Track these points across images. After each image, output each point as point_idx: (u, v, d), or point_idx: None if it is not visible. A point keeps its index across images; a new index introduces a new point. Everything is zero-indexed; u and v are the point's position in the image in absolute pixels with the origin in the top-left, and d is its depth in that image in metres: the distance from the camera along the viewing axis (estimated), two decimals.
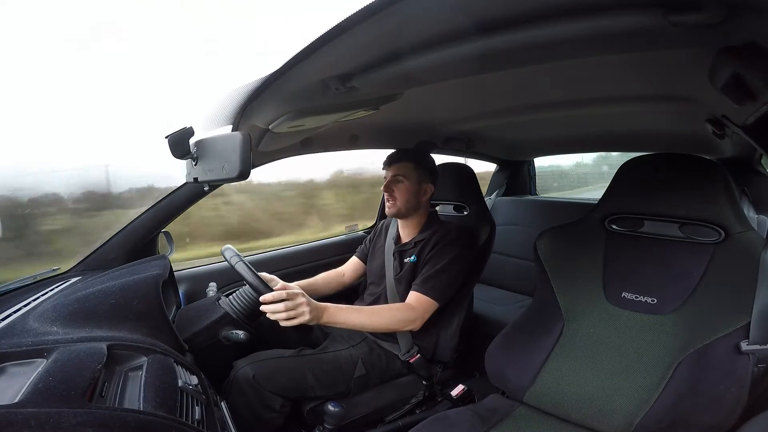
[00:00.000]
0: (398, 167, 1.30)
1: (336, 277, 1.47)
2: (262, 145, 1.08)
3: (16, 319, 0.75)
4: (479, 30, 0.54)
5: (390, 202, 1.30)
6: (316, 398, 1.14)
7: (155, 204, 1.22)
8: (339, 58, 0.64)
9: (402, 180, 1.29)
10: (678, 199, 0.95)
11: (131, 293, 0.84)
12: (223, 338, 1.02)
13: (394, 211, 1.31)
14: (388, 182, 1.30)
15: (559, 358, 0.99)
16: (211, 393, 0.79)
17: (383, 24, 0.51)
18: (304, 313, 0.96)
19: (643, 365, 0.89)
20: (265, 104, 0.80)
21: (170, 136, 0.84)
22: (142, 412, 0.55)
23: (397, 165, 1.30)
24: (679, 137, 1.45)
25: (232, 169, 0.71)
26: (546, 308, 1.07)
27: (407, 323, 1.16)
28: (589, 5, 0.47)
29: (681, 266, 0.93)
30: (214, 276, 1.37)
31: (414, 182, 1.30)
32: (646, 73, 0.84)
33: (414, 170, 1.30)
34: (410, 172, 1.29)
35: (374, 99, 0.88)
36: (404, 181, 1.29)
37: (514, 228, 2.16)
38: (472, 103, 1.26)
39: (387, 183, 1.30)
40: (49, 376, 0.55)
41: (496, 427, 0.93)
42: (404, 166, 1.30)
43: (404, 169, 1.29)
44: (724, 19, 0.43)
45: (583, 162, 3.76)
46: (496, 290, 2.15)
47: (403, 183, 1.29)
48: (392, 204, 1.30)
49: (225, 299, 1.08)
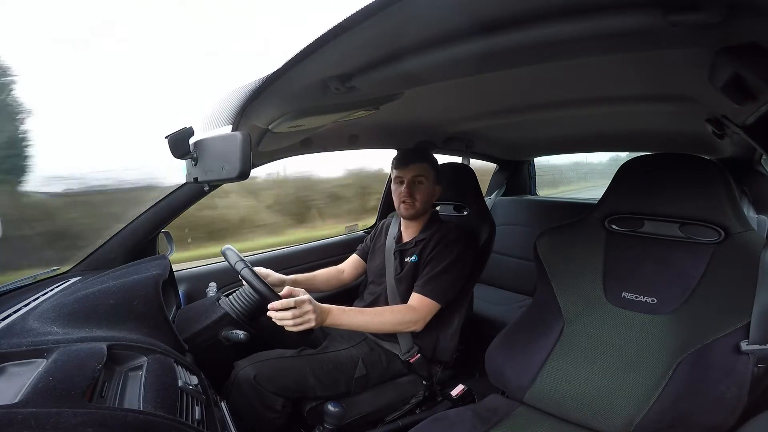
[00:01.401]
0: (418, 168, 1.28)
1: (336, 274, 1.47)
2: (262, 145, 1.08)
3: (16, 319, 0.75)
4: (479, 30, 0.54)
5: (408, 202, 1.28)
6: (316, 398, 1.14)
7: (155, 204, 1.22)
8: (339, 58, 0.64)
9: (423, 181, 1.28)
10: (678, 199, 0.95)
11: (131, 293, 0.84)
12: (223, 338, 1.02)
13: (413, 213, 1.29)
14: (407, 185, 1.28)
15: (559, 358, 0.99)
16: (211, 393, 0.79)
17: (383, 24, 0.51)
18: (311, 320, 0.97)
19: (642, 365, 0.89)
20: (265, 104, 0.80)
21: (170, 136, 0.84)
22: (142, 412, 0.55)
23: (416, 165, 1.28)
24: (679, 137, 1.45)
25: (232, 169, 0.71)
26: (546, 308, 1.07)
27: (409, 325, 1.16)
28: (588, 5, 0.47)
29: (681, 266, 0.93)
30: (214, 276, 1.37)
31: (432, 183, 1.30)
32: (646, 73, 0.84)
33: (431, 171, 1.30)
34: (428, 173, 1.29)
35: (374, 99, 0.88)
36: (424, 182, 1.28)
37: (514, 228, 2.16)
38: (472, 103, 1.26)
39: (407, 186, 1.28)
40: (49, 376, 0.55)
41: (496, 427, 0.93)
42: (423, 167, 1.28)
43: (423, 170, 1.28)
44: (723, 19, 0.43)
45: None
46: (496, 290, 2.15)
47: (424, 184, 1.28)
48: (410, 205, 1.28)
49: (225, 299, 1.08)
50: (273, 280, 1.21)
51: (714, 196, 0.91)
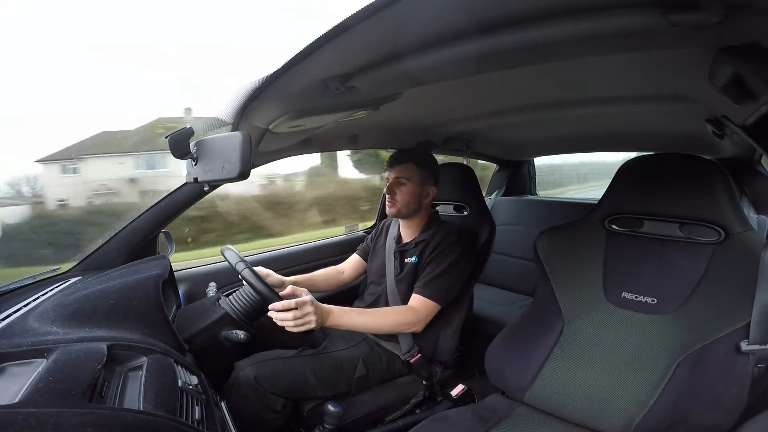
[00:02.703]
0: (400, 169, 1.29)
1: (335, 274, 1.47)
2: (262, 145, 1.08)
3: (16, 319, 0.75)
4: (479, 30, 0.54)
5: (390, 202, 1.30)
6: (316, 398, 1.14)
7: (155, 204, 1.22)
8: (339, 58, 0.64)
9: (404, 182, 1.28)
10: (678, 199, 0.95)
11: (131, 293, 0.84)
12: (223, 338, 1.02)
13: (394, 212, 1.31)
14: (390, 184, 1.30)
15: (559, 358, 0.99)
16: (211, 393, 0.79)
17: (383, 24, 0.51)
18: (312, 321, 0.98)
19: (642, 365, 0.89)
20: (265, 104, 0.81)
21: (170, 136, 0.84)
22: (142, 412, 0.55)
23: (399, 167, 1.29)
24: (679, 137, 1.45)
25: (232, 169, 0.71)
26: (546, 308, 1.07)
27: (410, 326, 1.17)
28: (588, 5, 0.47)
29: (681, 266, 0.93)
30: (214, 276, 1.37)
31: (416, 184, 1.29)
32: (646, 73, 0.84)
33: (416, 172, 1.29)
34: (412, 175, 1.29)
35: (374, 99, 0.89)
36: (407, 184, 1.28)
37: (514, 228, 2.16)
38: (472, 103, 1.26)
39: (389, 185, 1.30)
40: (49, 376, 0.55)
41: (496, 427, 0.93)
42: (406, 168, 1.29)
43: (406, 171, 1.29)
44: (723, 18, 0.43)
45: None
46: (496, 290, 2.15)
47: (406, 185, 1.28)
48: (392, 204, 1.30)
49: (225, 299, 1.08)
50: (273, 280, 1.21)
51: (714, 196, 0.91)
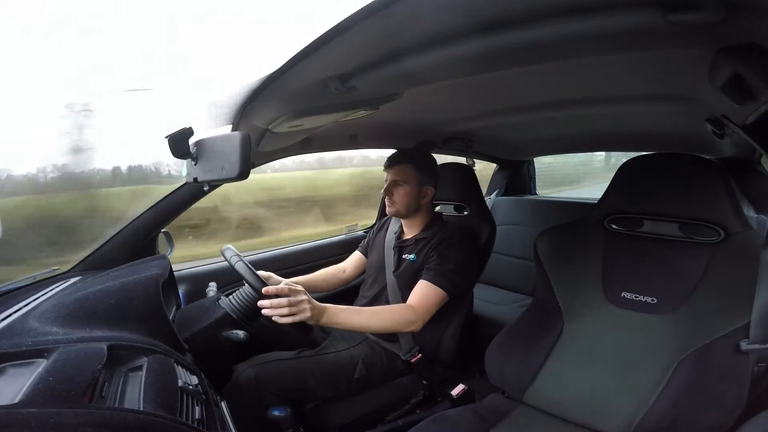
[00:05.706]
0: (398, 170, 1.29)
1: (336, 273, 1.47)
2: (262, 145, 1.08)
3: (16, 319, 0.75)
4: (479, 30, 0.54)
5: (389, 203, 1.30)
6: (316, 399, 1.14)
7: (155, 204, 1.22)
8: (339, 58, 0.64)
9: (402, 184, 1.28)
10: (678, 199, 0.95)
11: (131, 293, 0.84)
12: (223, 338, 1.02)
13: (393, 211, 1.31)
14: (388, 185, 1.29)
15: (559, 358, 1.00)
16: (211, 393, 0.79)
17: (383, 24, 0.51)
18: (306, 310, 0.94)
19: (642, 365, 0.89)
20: (265, 104, 0.80)
21: (170, 136, 0.84)
22: (142, 412, 0.55)
23: (397, 168, 1.29)
24: (679, 137, 1.45)
25: (232, 169, 0.71)
26: (546, 308, 1.07)
27: (408, 324, 1.15)
28: (588, 5, 0.47)
29: (681, 266, 0.93)
30: (214, 276, 1.37)
31: (414, 185, 1.29)
32: (646, 73, 0.84)
33: (414, 173, 1.29)
34: (410, 176, 1.28)
35: (374, 99, 0.88)
36: (404, 185, 1.28)
37: (514, 228, 2.16)
38: (471, 103, 1.26)
39: (387, 186, 1.30)
40: (49, 376, 0.55)
41: (496, 426, 0.94)
42: (404, 169, 1.29)
43: (404, 172, 1.28)
44: (723, 18, 0.43)
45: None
46: (496, 290, 2.15)
47: (403, 187, 1.28)
48: (391, 204, 1.30)
49: (225, 299, 1.08)
50: (274, 282, 1.20)
51: (714, 196, 0.91)
